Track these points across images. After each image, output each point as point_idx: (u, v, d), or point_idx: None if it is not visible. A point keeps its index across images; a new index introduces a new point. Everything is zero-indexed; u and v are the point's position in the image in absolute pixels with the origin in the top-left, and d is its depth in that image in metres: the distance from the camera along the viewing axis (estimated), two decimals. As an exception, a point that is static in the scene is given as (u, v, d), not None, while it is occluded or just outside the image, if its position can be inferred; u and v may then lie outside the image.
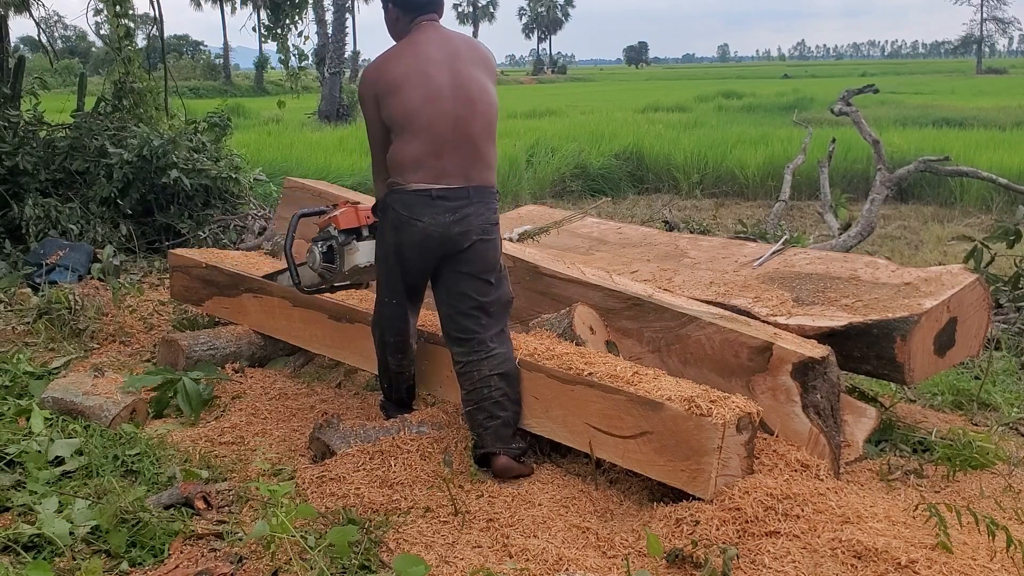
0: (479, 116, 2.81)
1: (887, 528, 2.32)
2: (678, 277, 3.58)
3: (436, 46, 2.83)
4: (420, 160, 2.77)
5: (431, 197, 2.77)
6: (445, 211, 2.77)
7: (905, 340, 2.91)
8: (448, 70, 2.79)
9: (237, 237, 6.43)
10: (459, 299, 2.86)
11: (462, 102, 2.78)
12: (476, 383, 2.83)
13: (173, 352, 3.83)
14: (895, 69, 75.51)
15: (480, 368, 2.83)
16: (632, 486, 2.75)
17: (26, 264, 5.47)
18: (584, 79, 68.59)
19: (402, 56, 2.83)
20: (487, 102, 2.84)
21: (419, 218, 2.78)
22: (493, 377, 2.82)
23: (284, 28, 7.74)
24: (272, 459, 2.95)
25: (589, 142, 12.86)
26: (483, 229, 2.83)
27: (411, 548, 2.35)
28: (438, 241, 2.79)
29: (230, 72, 49.57)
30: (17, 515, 2.49)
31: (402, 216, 2.81)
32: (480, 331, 2.85)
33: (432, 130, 2.75)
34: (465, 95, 2.79)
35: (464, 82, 2.80)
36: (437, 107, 2.75)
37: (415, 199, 2.78)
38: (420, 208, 2.78)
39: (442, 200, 2.77)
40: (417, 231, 2.79)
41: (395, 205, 2.83)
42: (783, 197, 7.45)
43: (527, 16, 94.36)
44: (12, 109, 6.52)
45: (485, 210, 2.84)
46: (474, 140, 2.80)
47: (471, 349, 2.84)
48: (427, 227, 2.78)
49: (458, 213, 2.78)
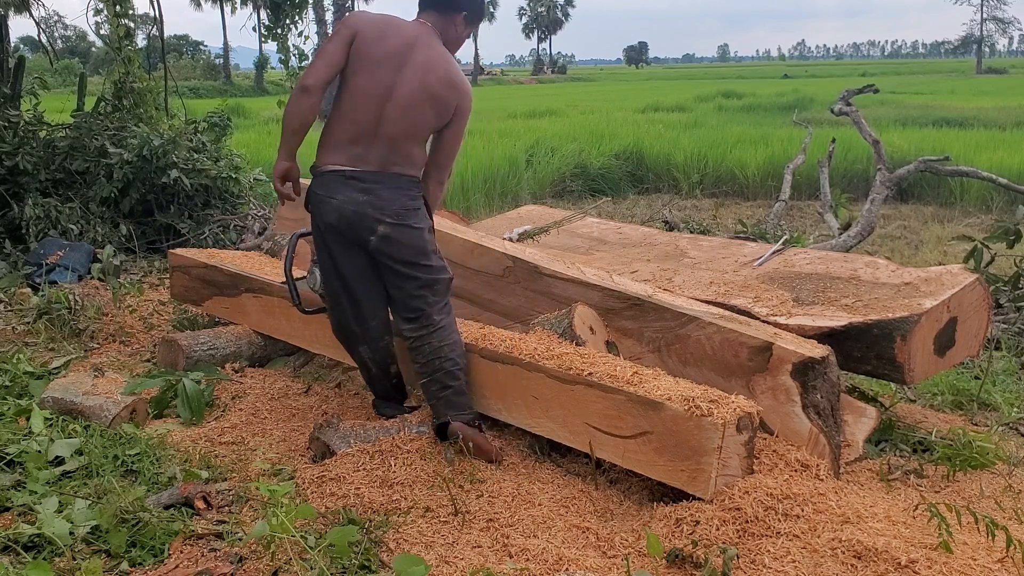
0: (406, 125, 2.86)
1: (887, 528, 2.32)
2: (678, 277, 3.58)
3: (419, 50, 2.88)
4: (339, 145, 2.86)
5: (344, 176, 2.85)
6: (358, 190, 2.84)
7: (905, 340, 2.90)
8: (407, 79, 2.84)
9: (237, 237, 6.43)
10: (401, 282, 2.94)
11: (397, 106, 2.83)
12: (428, 356, 2.93)
13: (173, 352, 3.83)
14: (895, 69, 75.54)
15: (430, 341, 2.93)
16: (632, 486, 2.75)
17: (26, 264, 5.47)
18: (584, 79, 68.66)
19: (381, 34, 2.87)
20: (420, 121, 2.88)
21: (333, 195, 2.85)
22: (443, 348, 2.93)
23: (284, 28, 7.74)
24: (272, 459, 2.95)
25: (589, 142, 12.86)
26: (398, 213, 2.87)
27: (411, 548, 2.35)
28: (354, 220, 2.85)
29: (230, 72, 49.60)
30: (17, 515, 2.49)
31: (319, 195, 2.89)
32: (426, 307, 2.94)
33: (359, 119, 2.83)
34: (403, 106, 2.84)
35: (406, 95, 2.84)
36: (373, 100, 2.82)
37: (330, 178, 2.87)
38: (334, 186, 2.86)
39: (355, 180, 2.85)
40: (332, 209, 2.86)
41: (313, 186, 2.92)
42: (783, 197, 7.45)
43: (527, 16, 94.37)
44: (12, 109, 6.52)
45: (401, 195, 2.89)
46: (394, 140, 2.86)
47: (420, 325, 2.94)
48: (341, 205, 2.84)
49: (372, 194, 2.84)
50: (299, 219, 4.60)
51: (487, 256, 3.62)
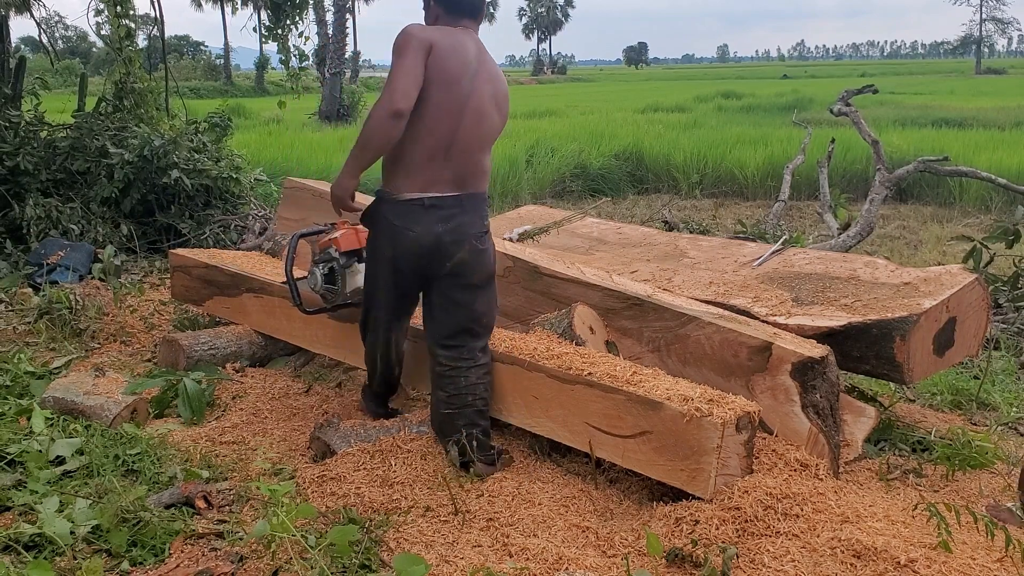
0: (480, 137, 2.81)
1: (886, 527, 2.32)
2: (678, 277, 3.59)
3: (484, 61, 2.82)
4: (412, 166, 2.75)
5: (423, 206, 2.75)
6: (437, 220, 2.76)
7: (904, 340, 2.91)
8: (478, 91, 2.77)
9: (238, 237, 6.44)
10: (454, 308, 2.86)
11: (472, 118, 2.76)
12: (461, 389, 2.85)
13: (174, 352, 3.84)
14: (894, 69, 75.55)
15: (468, 375, 2.85)
16: (632, 486, 2.76)
17: (27, 264, 5.48)
18: (584, 79, 68.64)
19: (453, 47, 2.73)
20: (490, 130, 2.85)
21: (411, 227, 2.76)
22: (479, 386, 2.86)
23: (285, 29, 7.75)
24: (273, 459, 2.95)
25: (589, 142, 12.88)
26: (476, 237, 2.83)
27: (411, 547, 2.35)
28: (430, 250, 2.78)
29: (231, 72, 49.57)
30: (18, 514, 2.50)
31: (395, 226, 2.79)
32: (471, 341, 2.88)
33: (435, 135, 2.72)
34: (477, 118, 2.78)
35: (479, 106, 2.78)
36: (449, 115, 2.72)
37: (407, 208, 2.76)
38: (413, 217, 2.76)
39: (434, 209, 2.76)
40: (410, 240, 2.77)
41: (387, 214, 2.81)
42: (782, 197, 7.46)
43: (527, 16, 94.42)
44: (13, 109, 6.54)
45: (477, 218, 2.84)
46: (470, 153, 2.79)
47: (460, 356, 2.86)
48: (419, 237, 2.76)
49: (451, 222, 2.77)
50: (299, 219, 4.62)
51: (487, 256, 3.62)
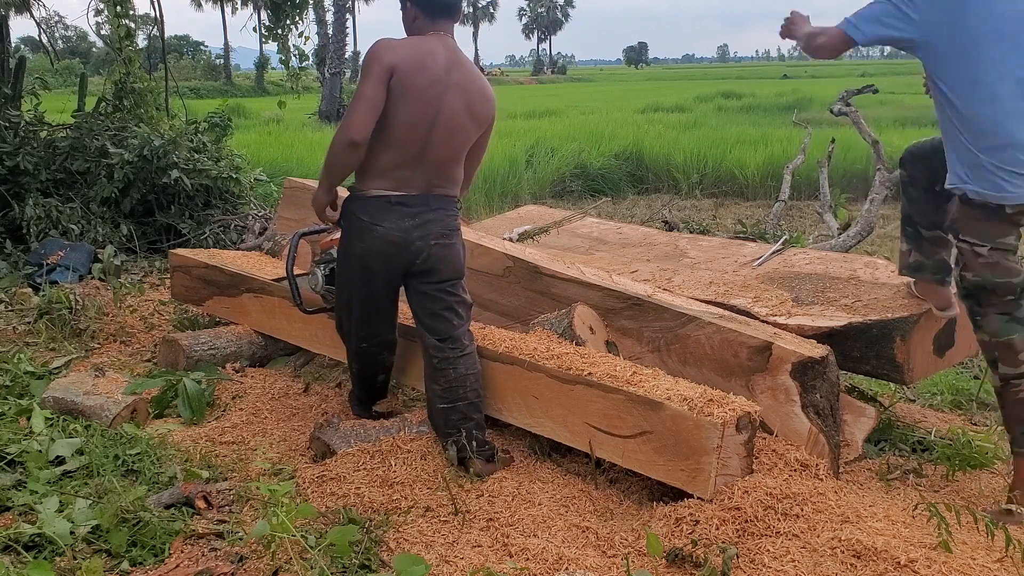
0: (451, 148, 2.85)
1: (886, 527, 2.32)
2: (678, 277, 3.59)
3: (455, 70, 2.81)
4: (384, 171, 2.81)
5: (389, 203, 2.80)
6: (404, 216, 2.80)
7: (904, 340, 2.91)
8: (449, 104, 2.79)
9: (238, 237, 6.43)
10: (431, 301, 2.91)
11: (442, 133, 2.79)
12: (452, 381, 2.86)
13: (174, 352, 3.83)
14: (894, 69, 75.36)
15: (456, 366, 2.87)
16: (632, 486, 2.75)
17: (27, 264, 5.47)
18: (584, 79, 68.63)
19: (420, 64, 2.75)
20: (463, 141, 2.88)
21: (379, 222, 2.80)
22: (469, 377, 2.88)
23: (285, 28, 7.75)
24: (272, 459, 2.95)
25: (589, 142, 12.87)
26: (442, 234, 2.86)
27: (411, 547, 2.35)
28: (398, 246, 2.81)
29: (231, 72, 49.61)
30: (18, 515, 2.50)
31: (363, 222, 2.83)
32: (453, 329, 2.90)
33: (404, 147, 2.78)
34: (448, 130, 2.80)
35: (450, 119, 2.80)
36: (418, 130, 2.76)
37: (375, 204, 2.81)
38: (380, 213, 2.81)
39: (401, 206, 2.80)
40: (377, 236, 2.81)
41: (356, 211, 2.86)
42: (782, 197, 7.46)
43: (527, 16, 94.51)
44: (13, 109, 6.53)
45: (444, 216, 2.88)
46: (440, 163, 2.84)
47: (448, 346, 2.89)
48: (387, 232, 2.80)
49: (418, 219, 2.82)
50: (299, 219, 4.62)
51: (487, 256, 3.63)
